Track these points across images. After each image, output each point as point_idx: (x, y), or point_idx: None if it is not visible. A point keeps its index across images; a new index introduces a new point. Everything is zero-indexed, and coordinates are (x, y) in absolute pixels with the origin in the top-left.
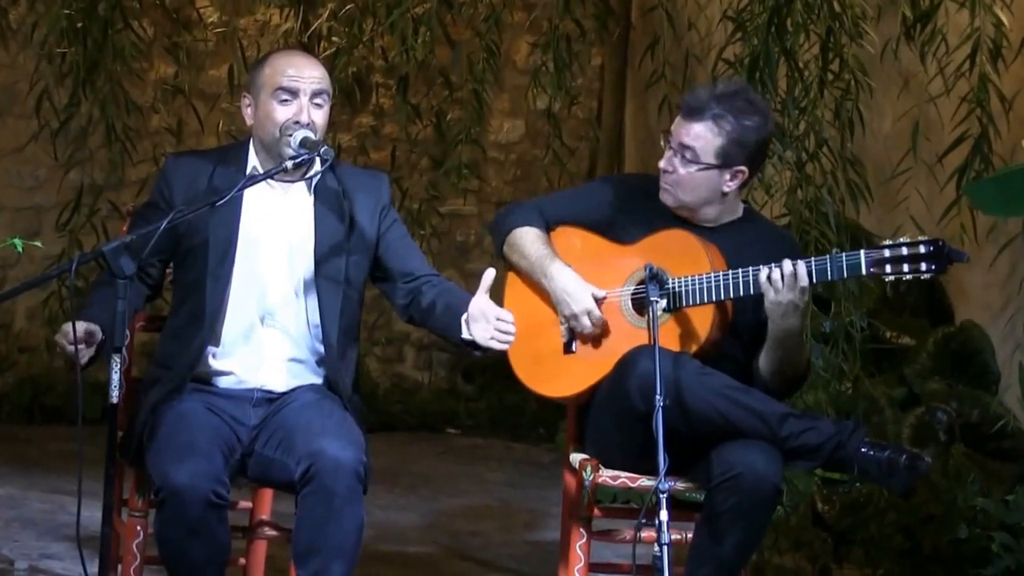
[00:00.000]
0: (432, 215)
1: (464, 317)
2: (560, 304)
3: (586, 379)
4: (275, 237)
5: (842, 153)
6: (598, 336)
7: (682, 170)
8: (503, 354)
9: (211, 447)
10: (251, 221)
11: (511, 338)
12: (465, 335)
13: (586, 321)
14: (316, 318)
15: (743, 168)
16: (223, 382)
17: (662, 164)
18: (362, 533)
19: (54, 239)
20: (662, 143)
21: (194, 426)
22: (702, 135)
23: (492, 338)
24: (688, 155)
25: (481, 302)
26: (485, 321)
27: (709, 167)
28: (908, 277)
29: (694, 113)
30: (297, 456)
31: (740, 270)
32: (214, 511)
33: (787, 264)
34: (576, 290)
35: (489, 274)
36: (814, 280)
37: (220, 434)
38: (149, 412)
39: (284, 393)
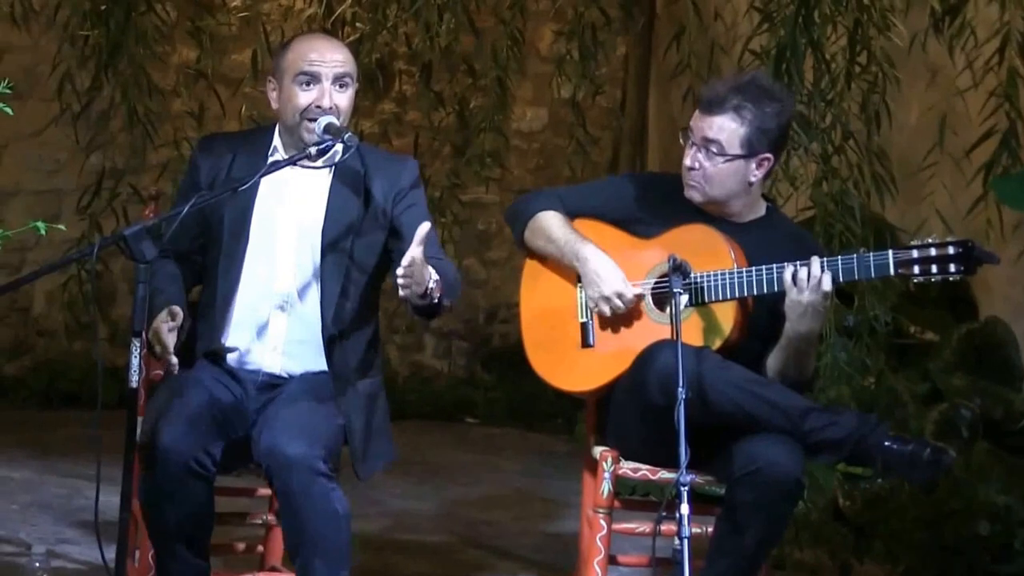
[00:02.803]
0: (453, 203)
1: None
2: (590, 286)
3: (604, 374)
4: (287, 217)
5: (868, 146)
6: (617, 330)
7: (708, 164)
8: (520, 346)
9: (201, 415)
10: (266, 201)
11: (402, 280)
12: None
13: (617, 303)
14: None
15: (768, 155)
16: (231, 362)
17: (687, 162)
18: (342, 523)
19: (74, 223)
20: (681, 140)
21: (191, 393)
22: (726, 127)
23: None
24: (713, 148)
25: (407, 256)
26: None
27: (735, 158)
28: (936, 278)
29: (713, 106)
30: (260, 452)
31: (764, 267)
32: (194, 479)
33: (815, 265)
34: (609, 272)
35: (423, 227)
36: (840, 280)
37: (216, 405)
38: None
39: (286, 380)
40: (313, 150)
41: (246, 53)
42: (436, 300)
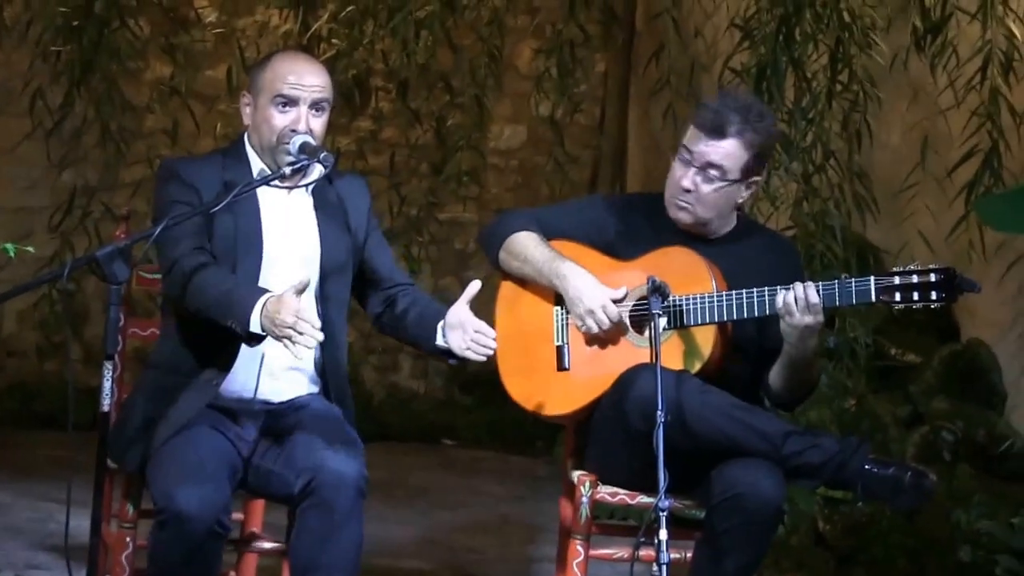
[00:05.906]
0: (431, 222)
1: (441, 324)
2: (573, 304)
3: (580, 398)
4: (285, 246)
5: (849, 165)
6: (594, 354)
7: (706, 188)
8: (495, 369)
9: (219, 472)
10: (266, 227)
11: (489, 352)
12: (440, 342)
13: (601, 316)
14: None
15: (758, 178)
16: (225, 390)
17: (684, 183)
18: (361, 548)
19: (46, 240)
20: (678, 160)
21: (202, 447)
22: (732, 153)
23: (468, 348)
24: (715, 173)
25: (461, 311)
26: (463, 330)
27: (733, 182)
28: (918, 306)
29: (718, 131)
30: (297, 469)
31: (745, 291)
32: (213, 540)
33: (798, 287)
34: (591, 287)
35: (474, 285)
36: (822, 306)
37: (227, 457)
38: (149, 420)
39: (284, 403)
40: (288, 170)
41: (221, 69)
42: None
